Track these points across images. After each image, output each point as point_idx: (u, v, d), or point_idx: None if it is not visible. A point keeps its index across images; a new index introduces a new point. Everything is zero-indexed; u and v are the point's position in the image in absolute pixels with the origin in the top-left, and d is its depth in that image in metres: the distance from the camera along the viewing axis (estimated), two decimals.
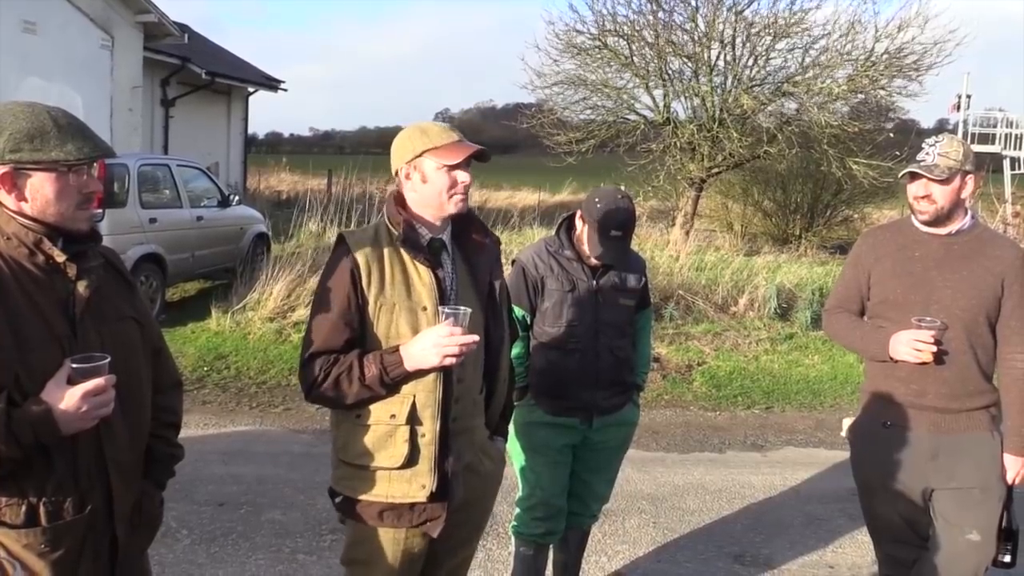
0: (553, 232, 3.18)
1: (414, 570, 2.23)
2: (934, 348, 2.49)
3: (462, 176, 2.11)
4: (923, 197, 2.56)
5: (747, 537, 4.19)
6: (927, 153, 2.55)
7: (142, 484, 1.87)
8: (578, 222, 3.08)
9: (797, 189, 16.69)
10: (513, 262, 3.20)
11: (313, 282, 8.11)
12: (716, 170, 15.27)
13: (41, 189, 1.63)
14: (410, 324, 2.07)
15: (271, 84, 19.99)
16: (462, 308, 2.01)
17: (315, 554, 3.81)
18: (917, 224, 2.67)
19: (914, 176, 2.58)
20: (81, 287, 1.68)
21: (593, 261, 3.03)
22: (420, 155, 2.10)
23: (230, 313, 7.92)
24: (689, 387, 7.07)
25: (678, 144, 14.74)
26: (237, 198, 10.24)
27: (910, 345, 2.51)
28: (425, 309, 2.09)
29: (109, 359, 1.61)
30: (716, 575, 3.78)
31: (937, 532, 2.64)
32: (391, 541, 2.15)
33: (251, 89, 19.41)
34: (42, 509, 1.65)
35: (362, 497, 2.13)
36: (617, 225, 2.94)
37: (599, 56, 14.85)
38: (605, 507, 3.51)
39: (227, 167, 18.06)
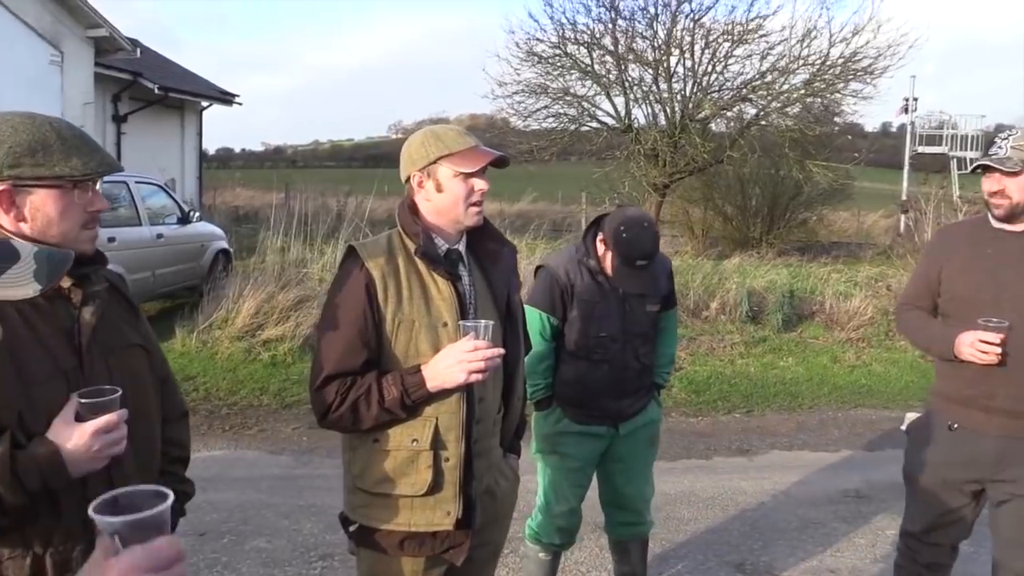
0: (582, 238, 3.10)
1: None
2: (999, 350, 2.40)
3: (479, 184, 1.99)
4: (996, 192, 2.47)
5: (745, 544, 4.14)
6: (999, 146, 2.46)
7: None
8: (600, 244, 2.97)
9: (756, 193, 16.89)
10: (538, 268, 3.12)
11: (283, 298, 7.90)
12: (678, 175, 15.39)
13: (43, 207, 1.48)
14: (430, 342, 1.95)
15: (225, 98, 19.61)
16: (483, 321, 1.89)
17: None
18: (993, 221, 2.58)
19: (987, 171, 2.48)
20: (87, 314, 1.54)
21: None
22: (435, 162, 1.97)
23: (196, 332, 7.66)
24: (668, 393, 7.02)
25: (642, 151, 14.82)
26: (197, 214, 9.98)
27: (974, 346, 2.43)
28: (446, 325, 1.96)
29: (120, 392, 1.47)
30: None
31: (997, 543, 2.60)
32: (410, 571, 2.03)
33: (205, 103, 19.03)
34: (48, 560, 1.49)
35: (382, 526, 2.00)
36: (644, 255, 2.85)
37: (560, 64, 14.90)
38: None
39: (182, 183, 17.66)
